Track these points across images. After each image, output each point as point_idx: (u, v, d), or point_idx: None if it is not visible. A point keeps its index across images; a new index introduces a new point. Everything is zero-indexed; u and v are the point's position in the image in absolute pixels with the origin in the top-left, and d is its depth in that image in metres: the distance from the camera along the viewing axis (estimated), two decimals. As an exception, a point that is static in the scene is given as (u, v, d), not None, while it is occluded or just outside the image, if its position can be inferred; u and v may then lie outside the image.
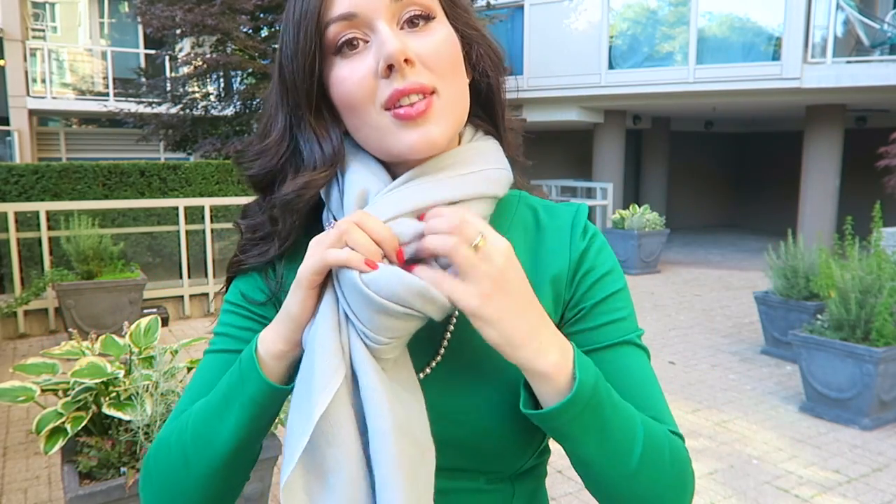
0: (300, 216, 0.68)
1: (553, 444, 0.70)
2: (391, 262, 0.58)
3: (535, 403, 0.61)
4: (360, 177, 0.65)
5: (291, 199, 0.66)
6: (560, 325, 0.71)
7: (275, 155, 0.67)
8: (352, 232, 0.57)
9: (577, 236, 0.72)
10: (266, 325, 0.64)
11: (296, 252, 0.69)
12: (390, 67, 0.60)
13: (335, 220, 0.66)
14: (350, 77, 0.62)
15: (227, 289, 0.76)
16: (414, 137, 0.61)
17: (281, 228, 0.69)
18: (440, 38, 0.63)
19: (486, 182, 0.66)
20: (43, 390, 2.38)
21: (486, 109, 0.72)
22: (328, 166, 0.65)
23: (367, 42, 0.62)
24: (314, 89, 0.65)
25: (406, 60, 0.60)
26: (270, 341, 0.63)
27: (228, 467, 0.65)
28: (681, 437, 0.68)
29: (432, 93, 0.62)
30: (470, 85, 0.68)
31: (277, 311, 0.65)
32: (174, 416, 0.69)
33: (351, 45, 0.62)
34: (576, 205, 0.75)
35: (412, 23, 0.63)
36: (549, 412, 0.58)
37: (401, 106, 0.61)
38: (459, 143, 0.69)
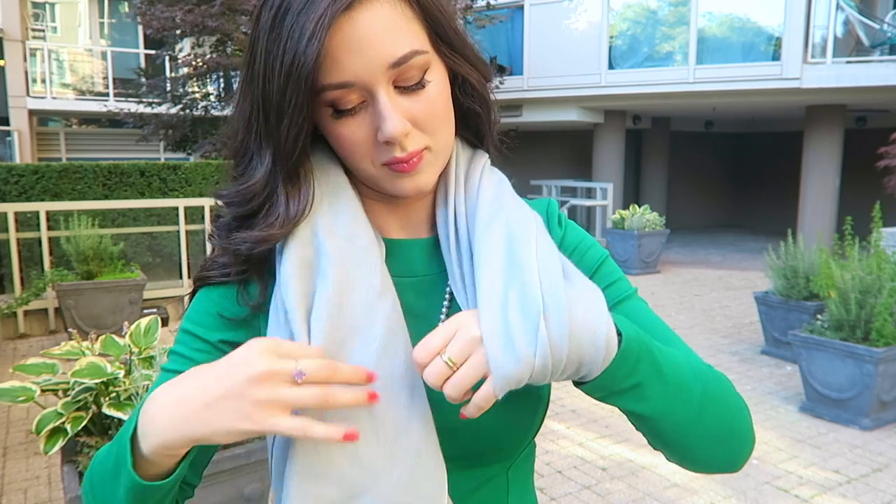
0: (256, 262, 0.66)
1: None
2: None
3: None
4: (301, 243, 0.63)
5: (243, 250, 0.64)
6: None
7: (253, 198, 0.65)
8: (331, 396, 0.53)
9: (553, 226, 0.75)
10: (227, 353, 0.56)
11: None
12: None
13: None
14: (348, 138, 0.63)
15: (191, 301, 0.70)
16: (407, 187, 0.65)
17: (247, 267, 0.66)
18: (434, 95, 0.63)
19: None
20: (43, 390, 2.38)
21: (472, 127, 0.73)
22: (291, 225, 0.63)
23: (364, 101, 0.61)
24: (295, 154, 0.62)
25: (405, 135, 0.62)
26: (160, 444, 0.55)
27: None
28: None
29: (425, 148, 0.64)
30: (456, 106, 0.68)
31: (249, 334, 0.63)
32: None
33: (347, 104, 0.62)
34: (545, 199, 0.78)
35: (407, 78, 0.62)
36: (607, 373, 0.57)
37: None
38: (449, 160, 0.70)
